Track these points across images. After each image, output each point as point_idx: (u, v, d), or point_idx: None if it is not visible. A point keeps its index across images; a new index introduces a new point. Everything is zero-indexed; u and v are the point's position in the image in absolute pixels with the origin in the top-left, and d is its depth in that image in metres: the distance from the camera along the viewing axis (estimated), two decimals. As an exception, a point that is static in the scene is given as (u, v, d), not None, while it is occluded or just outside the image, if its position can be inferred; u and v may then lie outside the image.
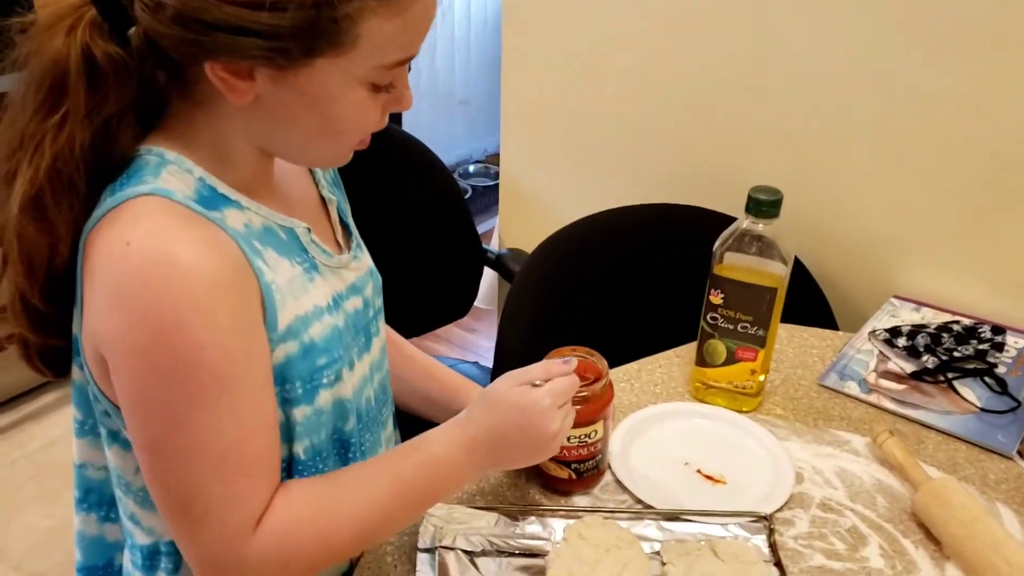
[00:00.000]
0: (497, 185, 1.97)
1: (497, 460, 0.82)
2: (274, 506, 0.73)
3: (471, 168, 3.51)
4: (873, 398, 1.15)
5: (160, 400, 0.69)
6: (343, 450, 0.87)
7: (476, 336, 2.73)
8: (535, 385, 0.82)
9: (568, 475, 0.97)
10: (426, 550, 0.89)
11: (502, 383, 0.82)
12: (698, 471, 1.02)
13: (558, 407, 0.81)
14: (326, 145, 0.77)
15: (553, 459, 0.94)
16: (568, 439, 0.94)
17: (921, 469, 1.00)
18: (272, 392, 0.76)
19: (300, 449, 0.81)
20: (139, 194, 0.70)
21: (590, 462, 0.97)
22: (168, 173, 0.72)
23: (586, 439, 0.95)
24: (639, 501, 0.97)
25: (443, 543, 0.90)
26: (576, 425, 0.91)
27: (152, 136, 0.75)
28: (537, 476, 1.00)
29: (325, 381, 0.81)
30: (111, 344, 0.69)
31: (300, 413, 0.80)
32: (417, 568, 0.87)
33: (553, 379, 0.82)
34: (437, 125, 3.29)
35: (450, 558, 0.89)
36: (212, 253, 0.69)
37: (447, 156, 1.76)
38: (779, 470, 1.01)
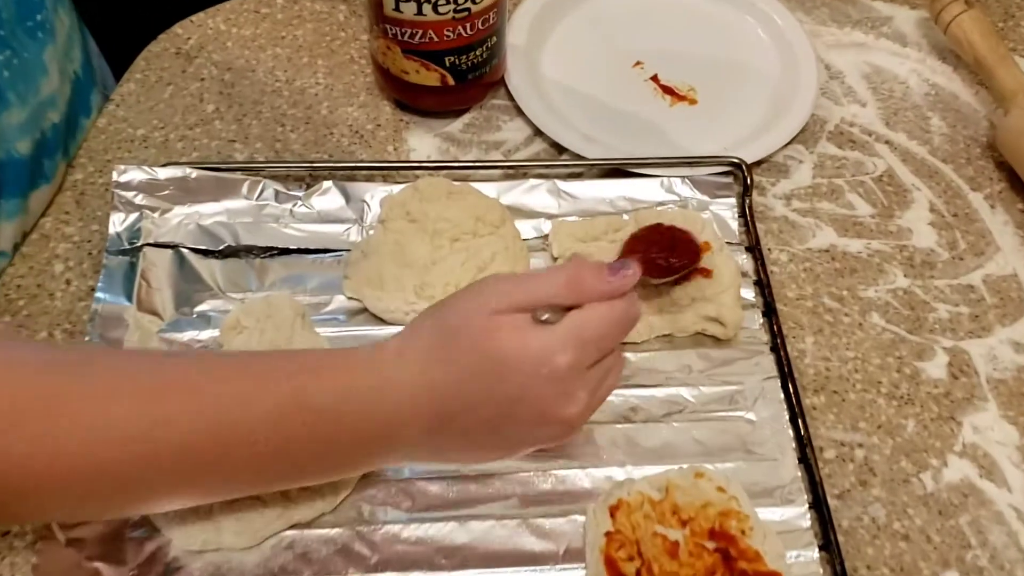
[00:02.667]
0: None
1: (446, 445, 0.43)
2: None
3: None
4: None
5: None
6: None
7: None
8: (543, 320, 0.41)
9: (440, 78, 0.59)
10: (118, 251, 0.50)
11: (472, 300, 0.41)
12: (653, 79, 0.66)
13: (587, 367, 0.41)
14: None
15: (414, 52, 0.58)
16: (436, 5, 0.54)
17: (1016, 66, 0.62)
18: None
19: None
20: None
21: (478, 50, 0.58)
22: None
23: (468, 5, 0.55)
24: (547, 141, 0.60)
25: (155, 238, 0.50)
26: None
27: None
28: (386, 87, 0.62)
29: None
30: None
31: None
32: (99, 282, 0.48)
33: (584, 306, 0.41)
34: None
35: (161, 261, 0.50)
36: None
37: None
38: (795, 77, 0.64)
